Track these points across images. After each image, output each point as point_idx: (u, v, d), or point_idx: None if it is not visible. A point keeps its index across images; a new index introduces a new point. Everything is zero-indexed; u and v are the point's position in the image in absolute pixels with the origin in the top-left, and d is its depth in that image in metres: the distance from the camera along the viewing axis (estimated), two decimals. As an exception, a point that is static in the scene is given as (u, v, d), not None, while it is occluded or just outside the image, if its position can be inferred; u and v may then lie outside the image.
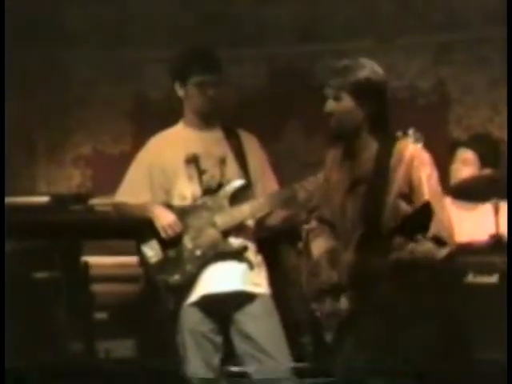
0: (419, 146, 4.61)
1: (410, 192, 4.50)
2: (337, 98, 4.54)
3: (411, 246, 4.48)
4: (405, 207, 4.51)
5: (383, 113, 4.57)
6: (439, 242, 4.44)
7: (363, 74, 4.54)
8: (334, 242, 4.66)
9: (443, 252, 4.44)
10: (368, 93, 4.53)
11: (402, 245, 4.50)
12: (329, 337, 4.63)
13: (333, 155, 4.70)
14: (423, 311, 4.56)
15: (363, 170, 4.53)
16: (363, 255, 4.52)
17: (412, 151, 4.51)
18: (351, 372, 4.55)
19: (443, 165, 5.43)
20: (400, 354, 4.45)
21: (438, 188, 4.50)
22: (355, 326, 4.53)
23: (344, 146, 4.62)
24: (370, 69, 4.57)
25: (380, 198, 4.53)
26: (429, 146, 4.60)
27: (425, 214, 4.48)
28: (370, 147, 4.56)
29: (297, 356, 5.33)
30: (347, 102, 4.54)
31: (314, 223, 4.83)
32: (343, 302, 4.57)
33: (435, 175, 4.53)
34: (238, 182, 5.32)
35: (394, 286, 4.49)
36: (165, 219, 5.34)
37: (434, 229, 4.44)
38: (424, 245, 4.47)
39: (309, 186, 5.16)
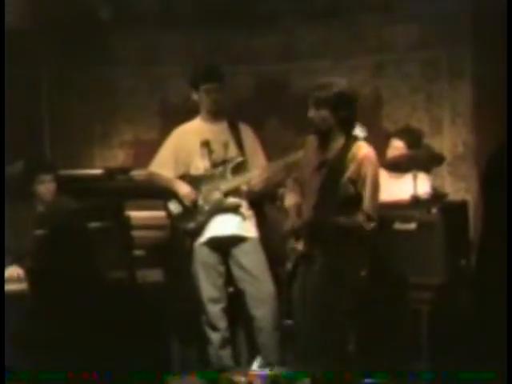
0: (363, 135, 4.52)
1: (357, 180, 4.43)
2: (317, 108, 4.42)
3: (349, 216, 4.40)
4: (351, 189, 4.43)
5: (351, 117, 4.46)
6: (369, 217, 4.41)
7: (337, 89, 4.40)
8: (300, 199, 4.60)
9: (371, 225, 4.42)
10: (340, 103, 4.40)
11: (344, 213, 4.42)
12: (289, 265, 4.61)
13: (311, 140, 4.60)
14: (359, 249, 4.48)
15: (329, 155, 4.47)
16: (316, 213, 4.43)
17: (365, 152, 4.45)
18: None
19: (380, 147, 5.29)
20: (341, 282, 4.39)
21: (377, 182, 4.47)
22: (307, 261, 4.49)
23: (319, 136, 4.52)
24: (342, 85, 4.44)
25: (335, 179, 4.42)
26: (369, 135, 4.59)
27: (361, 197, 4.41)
28: (338, 140, 4.46)
29: (274, 280, 5.29)
30: (324, 111, 4.40)
31: (290, 181, 4.74)
32: (300, 244, 4.51)
33: (377, 171, 4.48)
34: (237, 159, 5.34)
35: (336, 236, 4.39)
36: (184, 190, 5.34)
37: (367, 208, 4.41)
38: (358, 217, 4.41)
39: (289, 159, 5.08)
